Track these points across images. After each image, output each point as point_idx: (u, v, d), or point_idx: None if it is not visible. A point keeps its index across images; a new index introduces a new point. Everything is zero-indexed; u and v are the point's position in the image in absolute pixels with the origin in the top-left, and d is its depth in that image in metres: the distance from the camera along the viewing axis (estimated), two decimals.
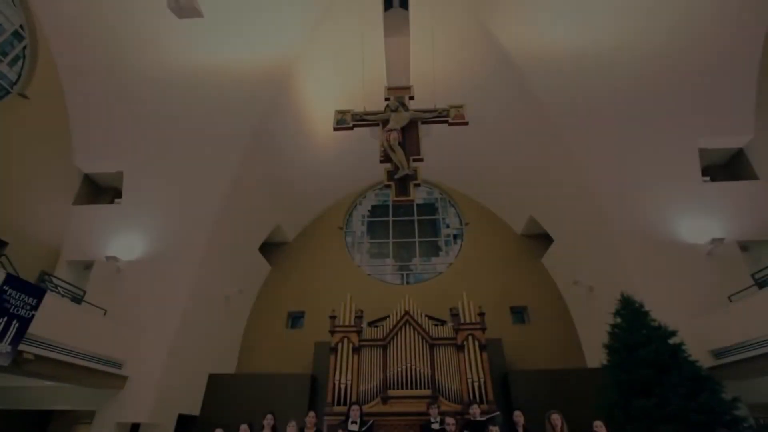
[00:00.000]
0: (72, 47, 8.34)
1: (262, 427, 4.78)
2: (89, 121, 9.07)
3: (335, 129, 4.98)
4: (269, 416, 4.89)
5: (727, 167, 9.43)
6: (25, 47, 8.13)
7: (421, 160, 4.64)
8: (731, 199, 8.29)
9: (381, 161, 4.66)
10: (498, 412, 5.95)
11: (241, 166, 9.16)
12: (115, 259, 8.35)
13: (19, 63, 8.09)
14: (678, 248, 7.91)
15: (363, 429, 4.83)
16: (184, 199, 9.00)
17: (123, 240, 8.75)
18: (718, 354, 6.68)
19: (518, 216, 11.37)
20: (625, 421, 5.69)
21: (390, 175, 4.52)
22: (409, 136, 4.69)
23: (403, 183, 4.45)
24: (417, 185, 4.55)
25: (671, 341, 6.13)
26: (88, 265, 8.94)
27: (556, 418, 4.83)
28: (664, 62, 8.12)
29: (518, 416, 5.00)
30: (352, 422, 4.95)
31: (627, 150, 8.59)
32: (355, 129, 5.40)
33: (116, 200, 9.82)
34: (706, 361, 6.46)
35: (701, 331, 6.88)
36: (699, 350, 6.57)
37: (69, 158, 9.17)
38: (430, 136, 9.73)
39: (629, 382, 5.95)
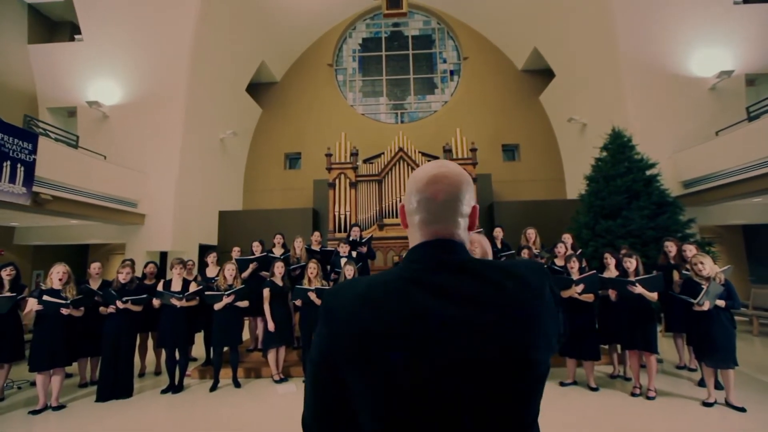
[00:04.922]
0: None
1: (274, 245, 5.46)
2: None
3: None
4: (279, 236, 5.53)
5: None
6: None
7: None
8: (755, 25, 7.54)
9: None
10: (481, 229, 6.73)
11: None
12: (97, 104, 8.02)
13: None
14: (682, 81, 7.62)
15: (363, 241, 5.53)
16: (153, 31, 8.05)
17: (100, 83, 8.24)
18: (687, 184, 7.21)
19: (521, 49, 10.48)
20: (590, 238, 6.55)
21: None
22: None
23: None
24: None
25: (649, 172, 6.54)
26: (71, 113, 8.65)
27: (531, 232, 5.41)
28: None
29: (498, 232, 5.57)
30: (353, 240, 5.64)
31: None
32: None
33: (76, 37, 8.79)
34: (676, 191, 7.02)
35: (680, 163, 7.25)
36: (673, 181, 7.09)
37: None
38: None
39: (601, 206, 6.59)
